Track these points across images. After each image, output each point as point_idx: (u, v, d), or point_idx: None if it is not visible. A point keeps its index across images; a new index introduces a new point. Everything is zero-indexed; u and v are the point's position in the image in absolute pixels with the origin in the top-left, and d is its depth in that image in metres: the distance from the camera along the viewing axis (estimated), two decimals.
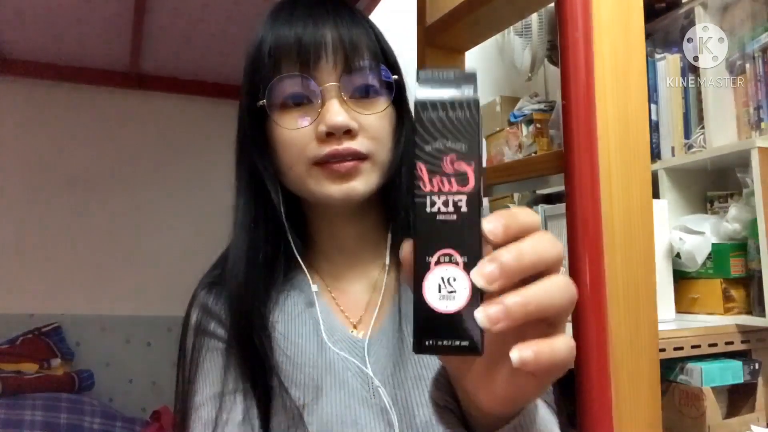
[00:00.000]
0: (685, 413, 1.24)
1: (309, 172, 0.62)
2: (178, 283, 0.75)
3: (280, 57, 0.61)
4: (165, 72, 2.27)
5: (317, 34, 0.61)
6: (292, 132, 0.61)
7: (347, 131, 0.60)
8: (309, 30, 0.61)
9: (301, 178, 0.63)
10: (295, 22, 0.61)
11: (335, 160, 0.60)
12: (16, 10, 1.75)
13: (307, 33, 0.61)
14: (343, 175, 0.61)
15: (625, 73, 0.79)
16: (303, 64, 0.61)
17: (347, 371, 0.62)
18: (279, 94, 0.62)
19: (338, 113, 0.60)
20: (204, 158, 2.37)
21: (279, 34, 0.62)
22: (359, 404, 0.60)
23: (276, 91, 0.62)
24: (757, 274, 1.30)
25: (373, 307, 0.67)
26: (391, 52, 0.67)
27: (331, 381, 0.61)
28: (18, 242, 2.14)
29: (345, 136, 0.60)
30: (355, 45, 0.62)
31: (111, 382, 2.16)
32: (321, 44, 0.61)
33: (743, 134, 1.47)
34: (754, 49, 1.44)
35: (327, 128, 0.59)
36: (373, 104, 0.63)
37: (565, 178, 0.76)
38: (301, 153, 0.61)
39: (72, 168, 2.23)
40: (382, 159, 0.64)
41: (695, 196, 1.59)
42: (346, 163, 0.60)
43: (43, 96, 2.20)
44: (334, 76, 0.61)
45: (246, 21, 1.81)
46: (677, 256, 1.43)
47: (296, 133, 0.61)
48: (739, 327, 1.31)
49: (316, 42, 0.60)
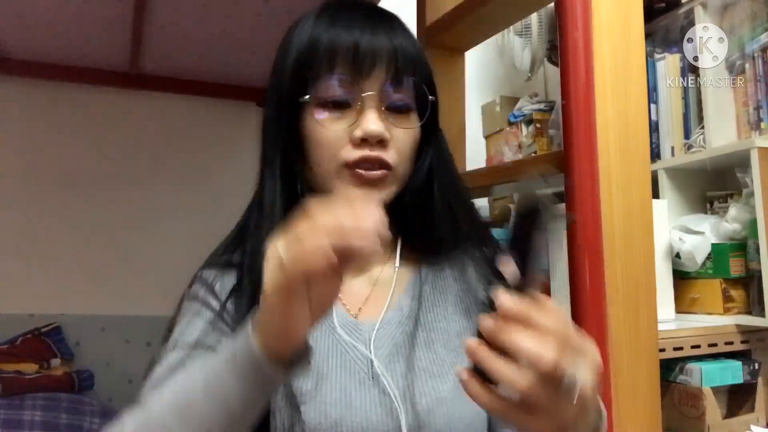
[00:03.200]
0: (685, 413, 1.24)
1: (338, 172, 0.64)
2: (178, 283, 0.75)
3: (335, 58, 0.63)
4: (165, 72, 2.27)
5: (375, 42, 0.63)
6: (329, 131, 0.64)
7: (380, 140, 0.63)
8: (366, 37, 0.63)
9: (330, 175, 0.65)
10: (353, 27, 0.63)
11: (364, 166, 0.63)
12: (16, 10, 1.74)
13: (365, 39, 0.63)
14: (369, 183, 0.64)
15: (625, 73, 0.79)
16: (356, 70, 0.63)
17: (349, 354, 0.64)
18: (326, 93, 0.64)
19: (376, 122, 0.62)
20: (204, 158, 2.37)
21: (337, 36, 0.63)
22: (358, 388, 0.61)
23: (324, 89, 0.64)
24: (757, 274, 1.30)
25: (374, 300, 0.69)
26: (432, 75, 0.69)
27: (333, 363, 0.63)
28: (18, 242, 2.14)
29: (377, 145, 0.63)
30: (405, 60, 0.64)
31: (111, 382, 2.15)
32: (377, 54, 0.63)
33: (743, 134, 1.47)
34: (754, 49, 1.44)
35: (363, 134, 0.62)
36: (407, 119, 0.66)
37: (565, 178, 0.76)
38: (334, 153, 0.64)
39: (72, 168, 2.23)
40: (402, 172, 0.67)
41: (695, 196, 1.59)
42: (375, 172, 0.63)
43: (43, 96, 2.20)
44: (378, 85, 0.64)
45: (246, 21, 1.81)
46: (677, 256, 1.43)
47: (332, 133, 0.64)
48: (739, 327, 1.31)
49: (373, 51, 0.63)
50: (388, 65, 0.63)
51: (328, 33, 0.64)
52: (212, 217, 1.92)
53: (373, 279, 0.71)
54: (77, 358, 2.13)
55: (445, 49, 1.18)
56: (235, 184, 0.84)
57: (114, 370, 2.18)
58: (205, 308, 0.66)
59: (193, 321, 0.65)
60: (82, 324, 2.17)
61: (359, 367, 0.63)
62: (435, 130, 0.70)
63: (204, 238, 0.76)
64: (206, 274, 0.70)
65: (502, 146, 2.13)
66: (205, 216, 2.24)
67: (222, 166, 2.26)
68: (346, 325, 0.66)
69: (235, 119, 2.33)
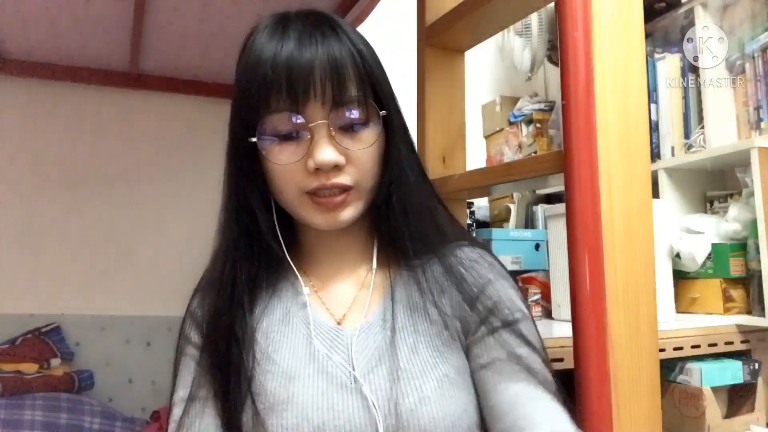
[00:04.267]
0: (685, 413, 1.24)
1: (299, 199, 0.66)
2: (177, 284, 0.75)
3: (269, 94, 0.62)
4: (165, 72, 2.27)
5: (306, 70, 0.61)
6: (284, 166, 0.64)
7: (335, 166, 0.63)
8: (297, 66, 0.61)
9: (292, 203, 0.67)
10: (283, 55, 0.62)
11: (323, 193, 0.64)
12: (16, 10, 1.74)
13: (296, 70, 0.61)
14: (331, 207, 0.65)
15: (625, 73, 0.79)
16: (292, 102, 0.62)
17: (329, 361, 0.64)
18: (269, 130, 0.64)
19: (326, 151, 0.62)
20: (204, 158, 2.37)
21: (267, 69, 0.62)
22: (338, 391, 0.62)
23: (266, 127, 0.64)
24: (757, 274, 1.30)
25: (359, 303, 0.69)
26: (383, 80, 0.68)
27: (312, 370, 0.64)
28: (18, 242, 2.14)
29: (332, 171, 0.63)
30: (344, 80, 0.63)
31: (111, 382, 2.15)
32: (309, 83, 0.61)
33: (743, 134, 1.47)
34: (754, 49, 1.44)
35: (316, 165, 0.62)
36: (361, 137, 0.65)
37: (565, 178, 0.76)
38: (291, 183, 0.65)
39: (72, 168, 2.23)
40: (368, 186, 0.67)
41: (695, 196, 1.59)
42: (334, 198, 0.64)
43: (43, 96, 2.20)
44: (323, 112, 0.63)
45: (246, 21, 1.80)
46: (677, 256, 1.43)
47: (287, 166, 0.64)
48: (739, 327, 1.31)
49: (305, 80, 0.61)
50: (324, 91, 0.62)
51: (260, 65, 0.62)
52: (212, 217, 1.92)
53: (359, 283, 0.71)
54: (77, 358, 2.13)
55: (445, 49, 1.18)
56: None
57: (114, 370, 2.18)
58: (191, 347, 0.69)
59: (183, 375, 0.69)
60: (82, 324, 2.17)
61: (340, 372, 0.64)
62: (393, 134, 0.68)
63: (204, 238, 0.76)
64: (193, 305, 0.73)
65: (502, 146, 2.13)
66: (205, 216, 2.24)
67: (222, 166, 2.25)
68: (326, 333, 0.67)
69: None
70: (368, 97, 0.65)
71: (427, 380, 0.62)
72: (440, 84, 1.17)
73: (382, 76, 0.68)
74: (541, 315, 1.50)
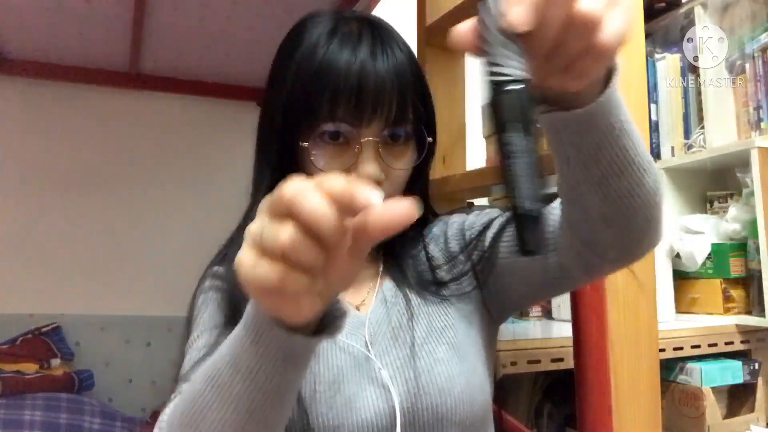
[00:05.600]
0: (685, 413, 1.24)
1: None
2: (177, 283, 0.75)
3: (335, 104, 0.62)
4: (165, 72, 2.26)
5: (376, 87, 0.62)
6: (325, 171, 0.64)
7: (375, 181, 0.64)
8: (369, 82, 0.61)
9: None
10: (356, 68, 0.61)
11: None
12: (16, 10, 1.74)
13: (367, 86, 0.61)
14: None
15: (625, 73, 0.79)
16: (356, 117, 0.62)
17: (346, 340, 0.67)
18: (323, 137, 0.64)
19: (372, 167, 0.63)
20: (204, 158, 2.37)
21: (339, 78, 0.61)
22: (351, 368, 0.64)
23: (322, 133, 0.64)
24: (757, 274, 1.30)
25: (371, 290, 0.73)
26: (432, 106, 0.70)
27: (328, 347, 0.65)
28: (18, 242, 2.14)
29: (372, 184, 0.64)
30: (406, 101, 0.64)
31: (111, 382, 2.15)
32: (378, 100, 0.62)
33: (743, 134, 1.47)
34: (754, 49, 1.44)
35: (359, 177, 0.63)
36: (404, 154, 0.67)
37: None
38: None
39: (72, 168, 2.23)
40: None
41: (695, 196, 1.59)
42: None
43: (43, 96, 2.20)
44: (378, 128, 0.64)
45: (246, 21, 1.80)
46: (677, 256, 1.43)
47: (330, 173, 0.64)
48: (739, 327, 1.31)
49: (374, 97, 0.62)
50: (386, 113, 0.63)
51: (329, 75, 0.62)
52: (212, 217, 1.92)
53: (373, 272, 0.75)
54: (77, 358, 2.13)
55: (445, 49, 1.18)
56: (234, 184, 0.84)
57: (114, 370, 2.18)
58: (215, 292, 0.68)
59: (210, 308, 0.67)
60: (82, 324, 2.17)
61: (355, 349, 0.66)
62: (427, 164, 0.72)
63: (204, 237, 0.76)
64: (214, 269, 0.72)
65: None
66: (205, 216, 2.24)
67: (222, 166, 2.25)
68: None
69: (235, 119, 2.33)
70: (422, 120, 0.67)
71: (438, 345, 0.66)
72: (440, 84, 1.17)
73: (431, 102, 0.70)
74: (541, 315, 1.50)
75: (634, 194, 0.52)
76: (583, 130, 0.48)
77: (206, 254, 0.75)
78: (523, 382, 1.36)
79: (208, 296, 0.68)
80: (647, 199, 0.53)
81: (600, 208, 0.53)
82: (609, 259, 0.58)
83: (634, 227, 0.54)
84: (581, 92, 0.45)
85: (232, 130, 2.27)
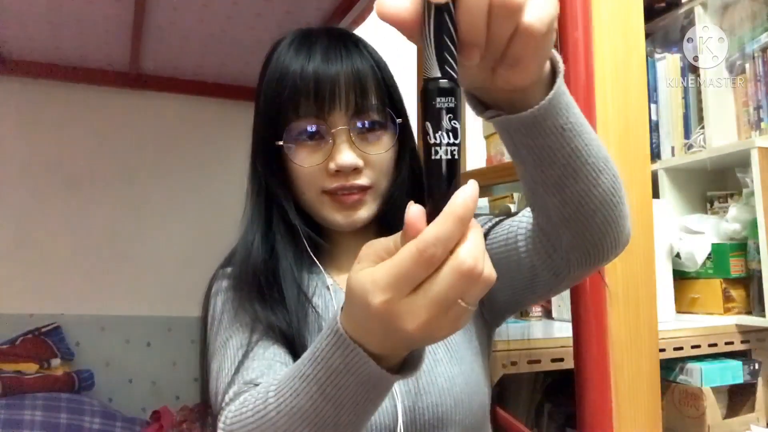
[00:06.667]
0: (685, 413, 1.24)
1: (319, 199, 0.72)
2: (177, 284, 0.75)
3: (297, 102, 0.69)
4: (165, 72, 2.26)
5: (332, 80, 0.68)
6: (306, 167, 0.70)
7: (354, 168, 0.69)
8: (324, 77, 0.68)
9: (313, 203, 0.73)
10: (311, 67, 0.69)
11: (342, 192, 0.70)
12: (16, 10, 1.74)
13: (323, 80, 0.68)
14: (348, 206, 0.71)
15: (625, 73, 0.79)
16: (319, 109, 0.69)
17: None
18: (296, 134, 0.70)
19: (347, 155, 0.69)
20: (204, 158, 2.37)
21: (296, 79, 0.69)
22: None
23: (292, 132, 0.70)
24: (757, 274, 1.30)
25: None
26: (397, 91, 0.75)
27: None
28: (18, 242, 2.14)
29: (352, 173, 0.70)
30: (365, 90, 0.70)
31: (111, 382, 2.15)
32: (335, 92, 0.68)
33: (743, 134, 1.47)
34: (754, 49, 1.44)
35: (336, 167, 0.69)
36: (379, 142, 0.72)
37: None
38: (313, 183, 0.71)
39: (72, 168, 2.23)
40: (384, 187, 0.73)
41: (695, 196, 1.59)
42: (352, 196, 0.71)
43: (43, 96, 2.20)
44: (345, 119, 0.69)
45: (246, 21, 1.80)
46: (677, 256, 1.43)
47: (309, 168, 0.70)
48: (739, 327, 1.31)
49: (331, 90, 0.68)
50: (348, 100, 0.69)
51: (290, 76, 0.69)
52: (212, 217, 1.91)
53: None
54: (77, 358, 2.13)
55: None
56: (234, 184, 0.85)
57: (114, 370, 2.18)
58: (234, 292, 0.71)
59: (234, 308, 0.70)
60: (82, 324, 2.17)
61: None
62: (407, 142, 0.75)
63: (204, 238, 0.77)
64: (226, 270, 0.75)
65: (502, 146, 2.13)
66: (205, 216, 2.24)
67: (222, 166, 2.25)
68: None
69: (234, 119, 2.32)
70: (386, 105, 0.72)
71: (438, 346, 0.69)
72: None
73: (396, 87, 0.75)
74: (541, 315, 1.50)
75: (591, 195, 0.52)
76: (532, 132, 0.49)
77: (206, 254, 0.75)
78: (524, 382, 1.36)
79: (228, 296, 0.72)
80: (604, 199, 0.53)
81: (559, 210, 0.54)
82: (573, 262, 0.59)
83: (593, 228, 0.55)
84: (529, 94, 0.46)
85: (232, 130, 2.27)
